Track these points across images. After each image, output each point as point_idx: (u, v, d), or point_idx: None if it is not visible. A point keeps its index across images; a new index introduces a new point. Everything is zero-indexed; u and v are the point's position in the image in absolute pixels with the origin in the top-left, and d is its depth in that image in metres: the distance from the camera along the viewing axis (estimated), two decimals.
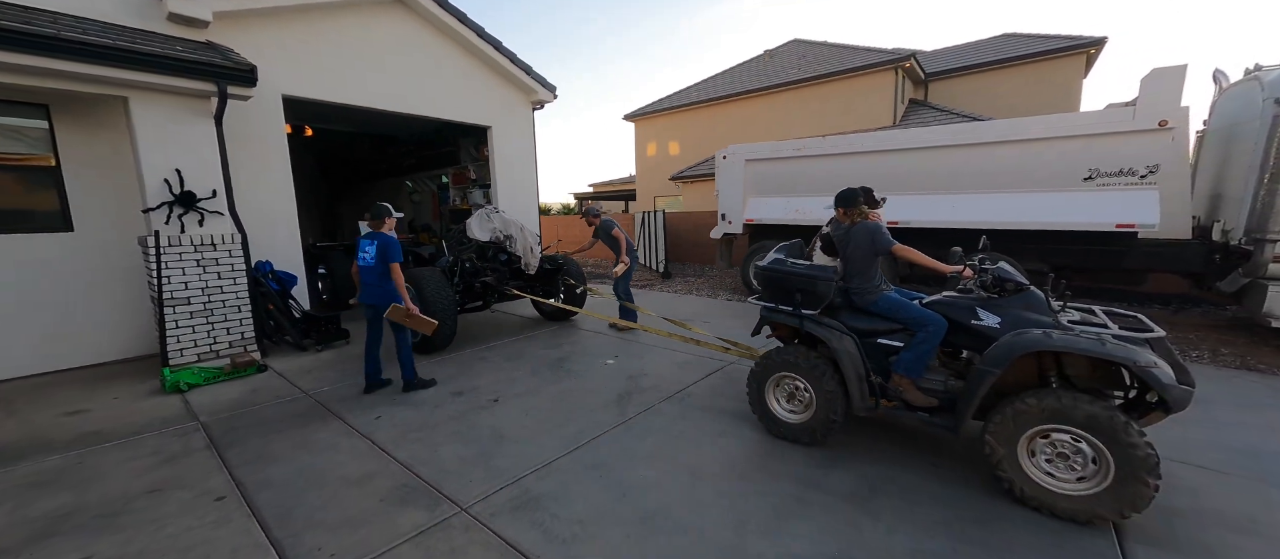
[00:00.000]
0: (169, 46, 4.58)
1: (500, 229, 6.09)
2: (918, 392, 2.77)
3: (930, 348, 2.70)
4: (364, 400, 4.03)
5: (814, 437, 3.01)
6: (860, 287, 3.01)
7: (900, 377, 2.79)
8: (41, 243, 4.74)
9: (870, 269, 2.99)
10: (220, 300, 4.96)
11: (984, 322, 2.62)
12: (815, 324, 3.01)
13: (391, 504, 2.58)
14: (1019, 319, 2.53)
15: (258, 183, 5.82)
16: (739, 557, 2.15)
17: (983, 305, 2.67)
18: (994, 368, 2.40)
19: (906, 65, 15.79)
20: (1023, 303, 2.58)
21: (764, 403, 3.21)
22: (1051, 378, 2.54)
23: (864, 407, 2.86)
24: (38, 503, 2.63)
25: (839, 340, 2.91)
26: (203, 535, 2.34)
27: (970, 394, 2.49)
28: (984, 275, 2.68)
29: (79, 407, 3.99)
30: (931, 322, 2.72)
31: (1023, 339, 2.37)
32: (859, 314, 3.03)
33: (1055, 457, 2.34)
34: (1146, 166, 5.40)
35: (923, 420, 2.76)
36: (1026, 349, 2.34)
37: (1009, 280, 2.59)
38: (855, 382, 2.85)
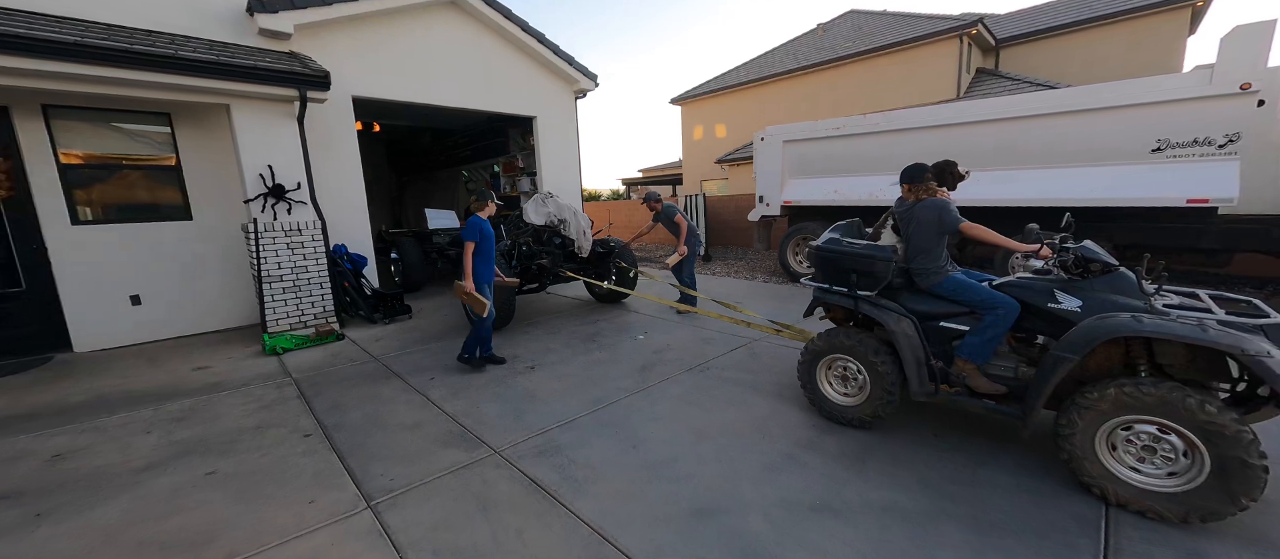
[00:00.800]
0: (260, 59, 5.32)
1: (554, 213, 6.22)
2: (983, 378, 2.63)
3: (999, 332, 2.54)
4: (420, 364, 4.61)
5: (865, 420, 2.95)
6: (923, 267, 2.84)
7: (964, 361, 2.65)
8: (168, 230, 5.70)
9: (935, 248, 2.80)
10: (306, 278, 5.75)
11: (1063, 305, 2.41)
12: (872, 306, 2.89)
13: (438, 445, 3.06)
14: (1104, 303, 2.32)
15: (333, 175, 6.59)
16: (727, 499, 2.42)
17: (1063, 288, 2.46)
18: (1071, 353, 2.21)
19: (972, 32, 14.68)
20: (1109, 285, 2.36)
21: (815, 384, 3.17)
22: (1141, 367, 2.31)
23: (923, 391, 2.74)
24: (179, 432, 3.35)
25: (897, 322, 2.78)
26: (295, 461, 2.91)
27: (1043, 381, 2.31)
28: (1064, 255, 2.45)
29: (203, 363, 4.86)
30: (1002, 304, 2.54)
31: (1107, 323, 2.16)
32: (921, 296, 2.88)
33: (1141, 450, 2.16)
34: (1226, 135, 4.92)
35: (987, 408, 2.61)
36: (1111, 334, 2.12)
37: (1094, 260, 2.35)
38: (913, 366, 2.72)
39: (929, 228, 2.78)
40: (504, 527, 2.27)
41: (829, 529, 2.19)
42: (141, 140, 5.57)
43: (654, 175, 29.89)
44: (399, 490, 2.57)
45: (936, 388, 2.75)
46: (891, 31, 16.95)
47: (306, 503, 2.48)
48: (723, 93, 21.39)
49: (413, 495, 2.53)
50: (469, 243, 4.11)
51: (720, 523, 2.25)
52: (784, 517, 2.28)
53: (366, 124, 10.96)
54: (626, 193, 31.04)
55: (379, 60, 7.06)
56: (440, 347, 5.12)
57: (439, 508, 2.42)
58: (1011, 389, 2.60)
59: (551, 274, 6.11)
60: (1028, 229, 2.68)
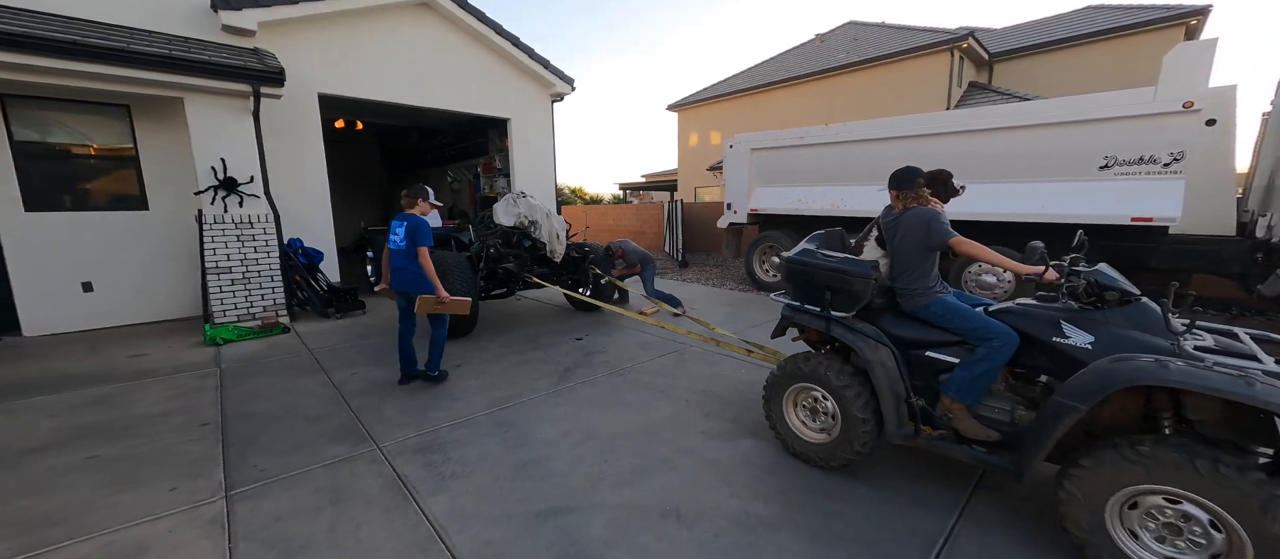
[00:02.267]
0: (215, 54, 5.42)
1: (525, 214, 5.90)
2: (972, 420, 2.27)
3: (992, 367, 2.18)
4: (351, 359, 4.64)
5: (835, 461, 2.55)
6: (908, 287, 2.48)
7: (952, 400, 2.28)
8: (124, 219, 5.81)
9: (922, 265, 2.46)
10: (256, 271, 5.82)
11: (1071, 339, 2.06)
12: (845, 329, 2.51)
13: (327, 439, 3.07)
14: (1120, 340, 1.95)
15: (296, 170, 6.70)
16: (581, 500, 2.42)
17: (1072, 319, 2.09)
18: (1078, 402, 1.83)
19: (963, 46, 14.61)
20: (1129, 319, 1.99)
21: (781, 416, 2.79)
22: (1164, 420, 1.89)
23: (900, 433, 2.35)
24: (84, 416, 3.40)
25: (873, 350, 2.41)
26: (180, 449, 2.95)
27: (1042, 432, 1.94)
28: (1074, 280, 2.11)
29: (141, 351, 4.93)
30: (997, 335, 2.17)
31: (1124, 368, 1.76)
32: (905, 320, 2.52)
33: (1162, 527, 1.76)
34: (1171, 154, 4.85)
35: (974, 457, 2.21)
36: (1128, 381, 1.73)
37: (1111, 288, 2.01)
38: (890, 402, 2.34)
39: (915, 241, 2.44)
40: (346, 520, 2.27)
41: (666, 534, 2.18)
42: (100, 130, 5.69)
43: (656, 180, 29.98)
44: (263, 482, 2.59)
45: (916, 429, 2.36)
46: (885, 43, 16.93)
47: (167, 490, 2.51)
48: (718, 100, 21.44)
49: (274, 487, 2.55)
50: (423, 247, 3.66)
51: (560, 523, 2.25)
52: (628, 520, 2.27)
53: (349, 122, 11.12)
54: (625, 197, 31.12)
55: (348, 59, 7.17)
56: (380, 343, 5.15)
57: (292, 501, 2.43)
58: (1006, 436, 2.22)
59: (519, 279, 5.75)
60: (1031, 247, 2.23)
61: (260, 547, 2.11)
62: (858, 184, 7.00)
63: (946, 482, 2.54)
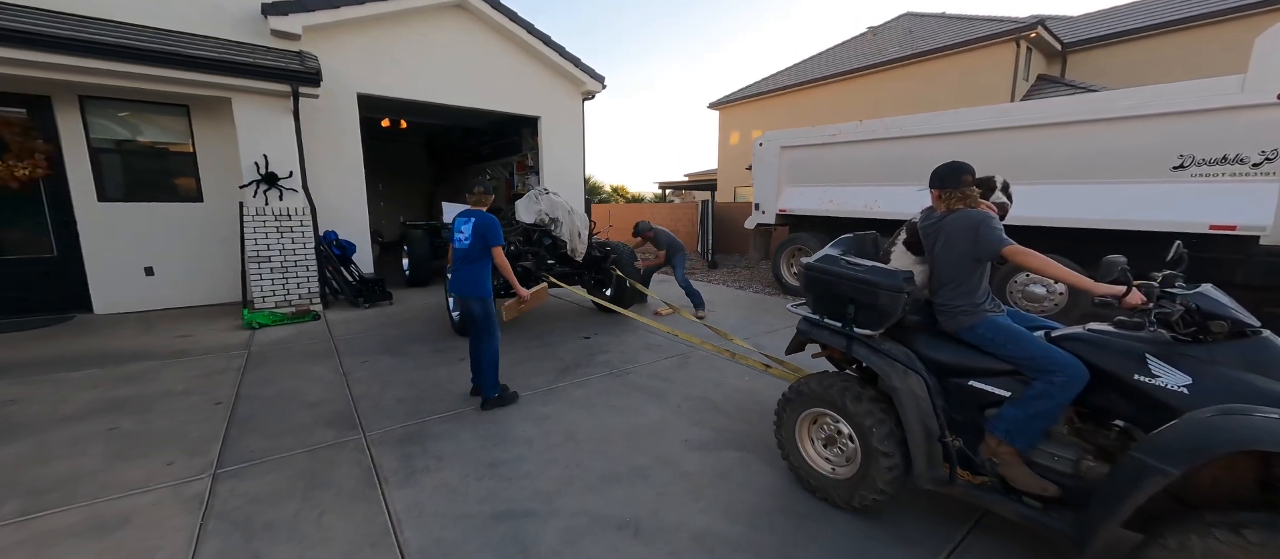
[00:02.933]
0: (258, 56, 5.79)
1: (546, 211, 5.73)
2: (1025, 469, 1.89)
3: (1053, 406, 1.80)
4: (367, 347, 4.82)
5: (854, 501, 2.21)
6: (950, 303, 2.12)
7: (999, 442, 1.91)
8: (182, 210, 6.32)
9: (968, 279, 2.08)
10: (293, 260, 6.18)
11: (1160, 380, 1.66)
12: (869, 350, 2.17)
13: (320, 425, 3.18)
14: (1230, 384, 1.56)
15: (334, 166, 7.06)
16: (543, 505, 2.35)
17: (1162, 353, 1.70)
18: (1168, 465, 1.44)
19: (1031, 35, 13.43)
20: (1242, 357, 1.59)
21: (794, 445, 2.47)
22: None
23: (931, 476, 2.00)
24: (118, 390, 3.69)
25: (902, 377, 2.06)
26: (190, 426, 3.14)
27: (1117, 495, 1.54)
28: (1166, 306, 1.69)
29: (187, 332, 5.34)
30: (1062, 368, 1.79)
31: (1237, 425, 1.38)
32: (946, 342, 2.16)
33: None
34: (1262, 152, 4.19)
35: (1024, 516, 1.83)
36: (1243, 445, 1.34)
37: (1219, 316, 1.61)
38: (920, 439, 2.01)
39: (960, 249, 2.07)
40: (313, 506, 2.32)
41: (617, 548, 2.07)
42: (163, 128, 6.22)
43: (698, 179, 29.68)
44: (250, 462, 2.70)
45: (952, 474, 2.00)
46: (943, 35, 15.87)
47: (165, 464, 2.67)
48: (760, 98, 20.90)
49: (258, 468, 2.65)
50: (497, 247, 3.36)
51: (515, 527, 2.19)
52: (584, 529, 2.18)
53: (393, 121, 11.66)
54: (665, 196, 30.98)
55: (385, 60, 7.48)
56: (400, 333, 5.33)
57: (271, 483, 2.51)
58: (1067, 491, 1.82)
59: (536, 278, 5.47)
60: (1107, 262, 1.81)
61: (228, 525, 2.18)
62: (893, 184, 6.55)
63: (943, 518, 2.28)
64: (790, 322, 5.99)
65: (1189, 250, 4.78)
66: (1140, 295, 1.77)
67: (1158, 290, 1.75)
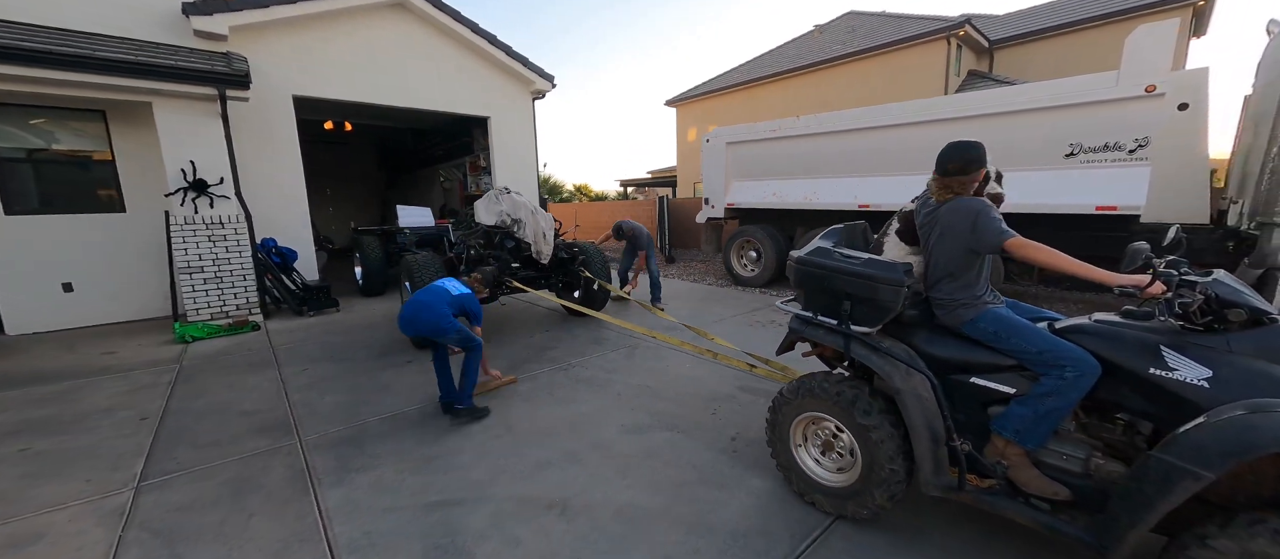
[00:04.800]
0: (180, 58, 5.55)
1: (508, 212, 5.47)
2: (1033, 470, 1.82)
3: (1063, 403, 1.72)
4: (309, 355, 4.74)
5: (856, 511, 2.11)
6: (948, 297, 2.03)
7: (1007, 443, 1.83)
8: (102, 221, 5.99)
9: (967, 270, 1.99)
10: (228, 270, 5.96)
11: (1176, 373, 1.60)
12: (868, 349, 2.06)
13: (253, 433, 3.15)
14: (1253, 377, 1.50)
15: (271, 172, 6.83)
16: (475, 493, 2.44)
17: (1177, 344, 1.63)
18: (1202, 468, 1.37)
19: (960, 33, 14.29)
20: (1260, 347, 1.53)
21: (788, 450, 2.35)
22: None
23: (938, 482, 1.90)
24: (34, 411, 3.52)
25: (904, 377, 1.95)
26: (111, 442, 3.05)
27: (1142, 498, 1.48)
28: (1183, 295, 1.60)
29: (113, 349, 5.09)
30: (1072, 362, 1.71)
31: (1273, 422, 1.32)
32: (945, 337, 2.06)
33: None
34: (1135, 139, 4.70)
35: (1038, 522, 1.75)
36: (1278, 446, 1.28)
37: (1237, 304, 1.55)
38: (926, 442, 1.90)
39: (957, 240, 1.96)
40: (241, 510, 2.34)
41: (544, 526, 2.19)
42: (76, 135, 5.87)
43: (662, 176, 29.93)
44: (176, 473, 2.67)
45: (960, 480, 1.89)
46: (883, 33, 16.64)
47: (84, 482, 2.60)
48: (716, 95, 21.30)
49: (185, 478, 2.62)
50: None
51: (446, 515, 2.28)
52: (512, 511, 2.30)
53: (338, 123, 11.29)
54: (625, 193, 31.12)
55: (322, 61, 7.28)
56: (344, 340, 5.25)
57: (199, 491, 2.50)
58: (1077, 492, 1.76)
59: (500, 283, 5.11)
60: (1133, 249, 1.74)
61: (150, 535, 2.18)
62: (829, 176, 6.91)
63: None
64: (737, 310, 6.25)
65: (1077, 230, 5.14)
66: (1163, 285, 1.64)
67: (1178, 279, 1.61)
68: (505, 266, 5.28)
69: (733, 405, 3.41)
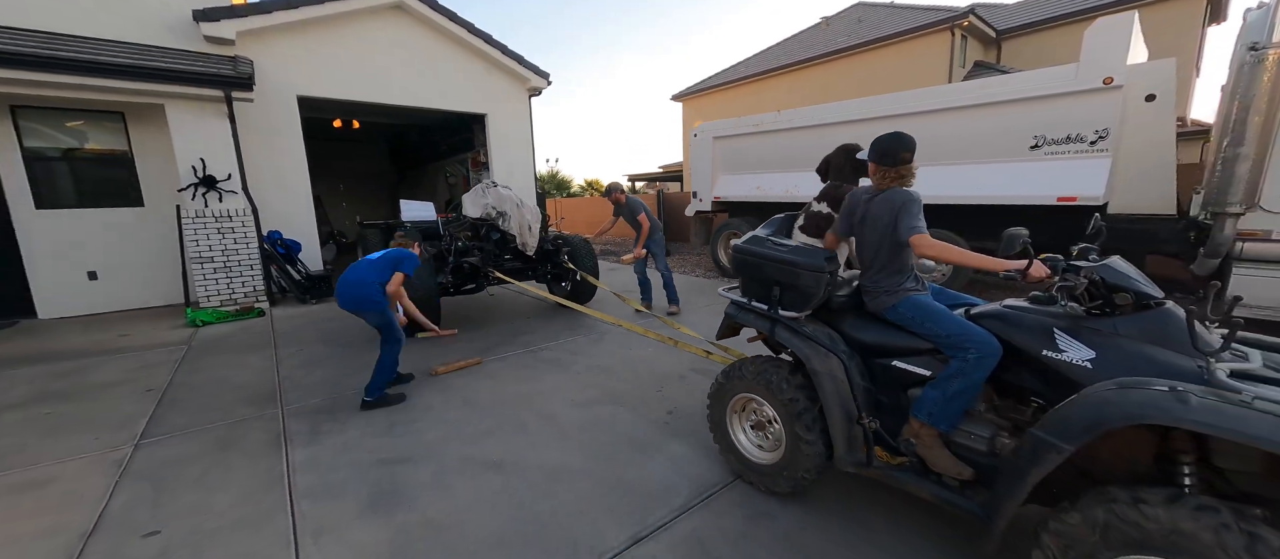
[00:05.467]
0: (189, 62, 5.96)
1: (493, 204, 5.66)
2: (943, 451, 1.87)
3: (969, 384, 1.78)
4: (305, 338, 5.12)
5: (779, 486, 2.23)
6: (874, 283, 2.10)
7: (921, 425, 1.89)
8: (122, 214, 6.48)
9: (891, 259, 2.05)
10: (236, 260, 6.40)
11: (1065, 355, 1.66)
12: (790, 332, 2.17)
13: (243, 403, 3.51)
14: (1131, 358, 1.56)
15: (276, 168, 7.26)
16: (423, 453, 2.74)
17: (1069, 328, 1.69)
18: (1061, 440, 1.45)
19: (964, 23, 14.11)
20: (1145, 331, 1.58)
21: (725, 431, 2.46)
22: (1184, 467, 1.46)
23: (851, 460, 2.01)
24: (57, 383, 3.95)
25: (822, 359, 2.06)
26: (119, 408, 3.43)
27: (1017, 473, 1.56)
28: (1070, 279, 1.66)
29: (129, 331, 5.55)
30: (975, 343, 1.78)
31: (1126, 399, 1.38)
32: (872, 323, 2.13)
33: None
34: (1095, 131, 4.77)
35: (937, 496, 1.84)
36: (1129, 419, 1.35)
37: (1123, 289, 1.61)
38: (839, 421, 2.01)
39: (882, 230, 2.03)
40: (221, 465, 2.68)
41: (479, 480, 2.48)
42: (99, 135, 6.35)
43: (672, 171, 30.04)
44: (170, 435, 3.03)
45: (868, 457, 2.02)
46: (888, 24, 16.51)
47: (93, 439, 2.98)
48: (722, 89, 21.34)
49: (177, 439, 2.98)
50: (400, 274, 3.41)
51: (395, 470, 2.58)
52: (455, 469, 2.58)
53: (346, 121, 11.76)
54: (634, 187, 31.31)
55: (325, 62, 7.67)
56: (339, 326, 5.60)
57: (186, 450, 2.85)
58: (983, 471, 1.81)
59: (484, 274, 5.33)
60: (1008, 235, 1.75)
61: (140, 481, 2.53)
62: (806, 170, 7.02)
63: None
64: (718, 300, 6.46)
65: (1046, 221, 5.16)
66: (1044, 268, 1.71)
67: (1063, 264, 1.71)
68: (491, 257, 5.49)
69: (679, 385, 3.65)
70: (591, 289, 5.77)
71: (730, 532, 2.10)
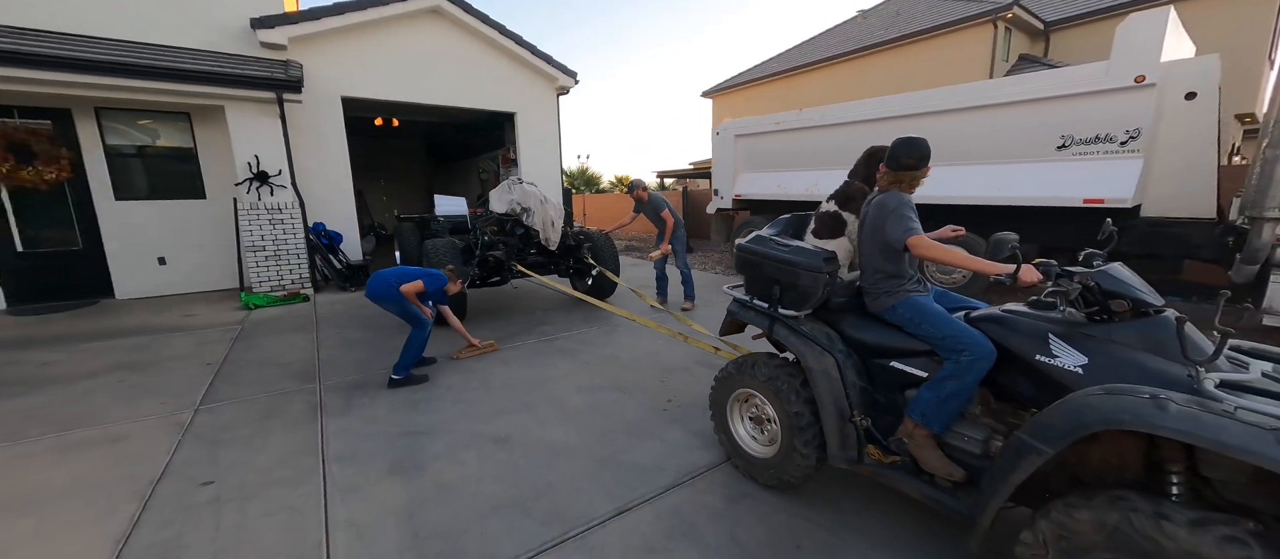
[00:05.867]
0: (245, 67, 6.49)
1: (518, 200, 5.87)
2: (936, 452, 1.89)
3: (962, 387, 1.80)
4: (344, 321, 5.55)
5: (775, 481, 2.28)
6: (873, 284, 2.15)
7: (915, 425, 1.91)
8: (187, 206, 7.12)
9: (889, 261, 2.08)
10: (285, 249, 6.94)
11: (1058, 360, 1.67)
12: (788, 331, 2.23)
13: (287, 377, 3.89)
14: (1122, 365, 1.56)
15: (322, 163, 7.79)
16: (440, 428, 3.00)
17: (1066, 334, 1.69)
18: (1042, 444, 1.47)
19: (1007, 16, 13.53)
20: (1139, 338, 1.58)
21: (726, 424, 2.53)
22: (1172, 473, 1.45)
23: (843, 456, 2.06)
24: (129, 355, 4.46)
25: (817, 358, 2.10)
26: (183, 377, 3.87)
27: (1001, 475, 1.57)
28: (1063, 284, 1.65)
29: (192, 312, 6.13)
30: (971, 346, 1.79)
31: (1103, 404, 1.38)
32: (871, 323, 2.17)
33: None
34: (1126, 131, 4.60)
35: (925, 495, 1.87)
36: (1103, 424, 1.36)
37: (1121, 295, 1.61)
38: (832, 418, 2.05)
39: (877, 233, 2.07)
40: (264, 430, 3.02)
41: (485, 453, 2.71)
42: (168, 134, 7.00)
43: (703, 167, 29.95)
44: (224, 402, 3.42)
45: (859, 454, 2.06)
46: (926, 17, 15.98)
47: (159, 404, 3.39)
48: (753, 85, 21.16)
49: (230, 405, 3.36)
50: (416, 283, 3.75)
51: (414, 440, 2.86)
52: (466, 442, 2.83)
53: (386, 119, 12.38)
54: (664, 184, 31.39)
55: (367, 64, 8.15)
56: (374, 312, 5.98)
57: (236, 415, 3.22)
58: (975, 473, 1.83)
59: (508, 267, 5.56)
60: (995, 239, 1.77)
61: (198, 439, 2.89)
62: (829, 168, 7.02)
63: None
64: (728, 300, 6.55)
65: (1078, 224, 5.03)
66: (1035, 273, 1.70)
67: (1057, 269, 1.69)
68: (514, 251, 5.75)
69: (683, 376, 3.81)
70: (612, 285, 5.91)
71: (710, 509, 2.25)
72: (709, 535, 2.09)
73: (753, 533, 2.10)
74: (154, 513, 2.26)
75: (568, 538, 2.07)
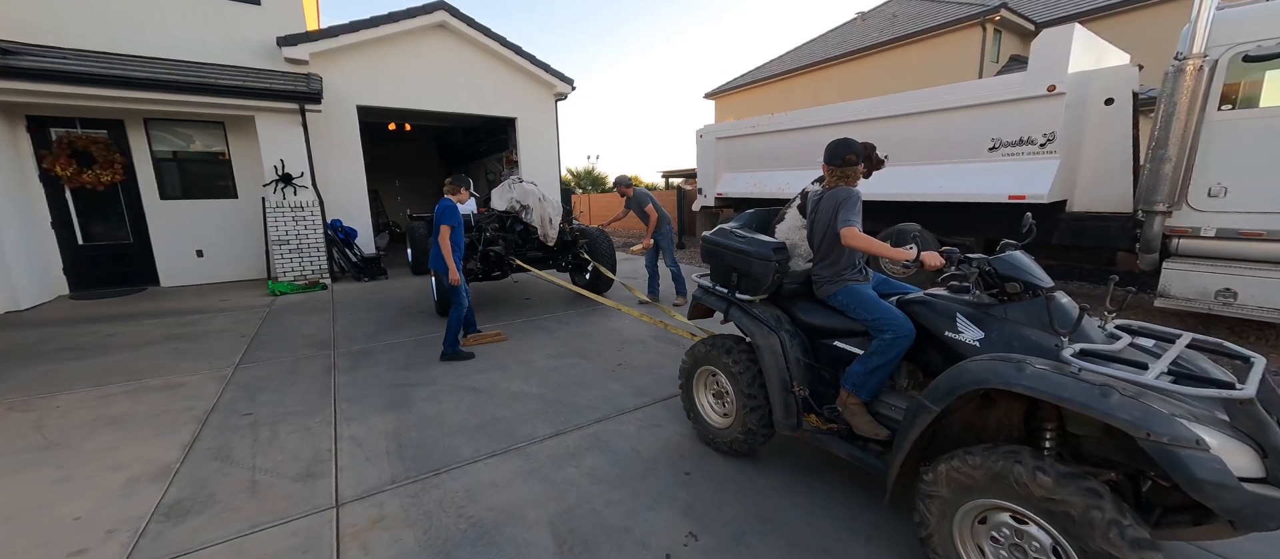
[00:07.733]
0: (272, 81, 7.34)
1: (518, 198, 6.16)
2: (867, 417, 2.16)
3: (886, 361, 2.07)
4: (356, 304, 6.33)
5: (729, 446, 2.58)
6: (819, 273, 2.39)
7: (848, 394, 2.18)
8: (221, 205, 8.01)
9: (833, 251, 2.31)
10: (306, 243, 7.78)
11: (962, 336, 1.91)
12: (741, 313, 2.50)
13: (308, 346, 4.66)
14: (1011, 338, 1.80)
15: (339, 166, 8.63)
16: (427, 380, 3.72)
17: (971, 313, 1.93)
18: (931, 403, 1.72)
19: (995, 18, 13.85)
20: (1026, 315, 1.82)
21: (692, 400, 2.81)
22: (1048, 433, 1.70)
23: (786, 423, 2.31)
24: (179, 329, 5.29)
25: (764, 337, 2.36)
26: (225, 344, 4.67)
27: (902, 434, 1.83)
28: (963, 269, 1.93)
29: (227, 296, 7.00)
30: (893, 326, 2.06)
31: (974, 368, 1.64)
32: (819, 307, 2.43)
33: (1010, 549, 1.60)
34: (1043, 134, 5.12)
35: (851, 455, 2.15)
36: (975, 384, 1.60)
37: (1011, 278, 1.85)
38: (777, 390, 2.31)
39: (825, 224, 2.30)
40: (289, 382, 3.78)
41: (460, 399, 3.42)
42: (205, 141, 7.90)
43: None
44: (257, 363, 4.20)
45: (798, 421, 2.32)
46: (922, 19, 16.35)
47: (206, 363, 4.18)
48: (754, 86, 21.66)
49: (262, 365, 4.14)
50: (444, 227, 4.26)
51: (405, 388, 3.58)
52: (448, 390, 3.55)
53: (399, 125, 13.25)
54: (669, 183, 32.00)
55: (380, 76, 8.98)
56: (384, 298, 6.82)
57: (268, 371, 3.99)
58: (896, 436, 2.04)
59: (507, 263, 5.89)
60: (898, 229, 2.16)
61: (239, 387, 3.66)
62: (797, 169, 7.62)
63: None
64: None
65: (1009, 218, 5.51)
66: (939, 259, 1.96)
67: (959, 255, 1.94)
68: (514, 247, 6.09)
69: (639, 348, 4.48)
70: (608, 280, 6.18)
71: (625, 434, 2.92)
72: (618, 448, 2.76)
73: (651, 447, 2.77)
74: (209, 431, 3.02)
75: (512, 450, 2.76)
